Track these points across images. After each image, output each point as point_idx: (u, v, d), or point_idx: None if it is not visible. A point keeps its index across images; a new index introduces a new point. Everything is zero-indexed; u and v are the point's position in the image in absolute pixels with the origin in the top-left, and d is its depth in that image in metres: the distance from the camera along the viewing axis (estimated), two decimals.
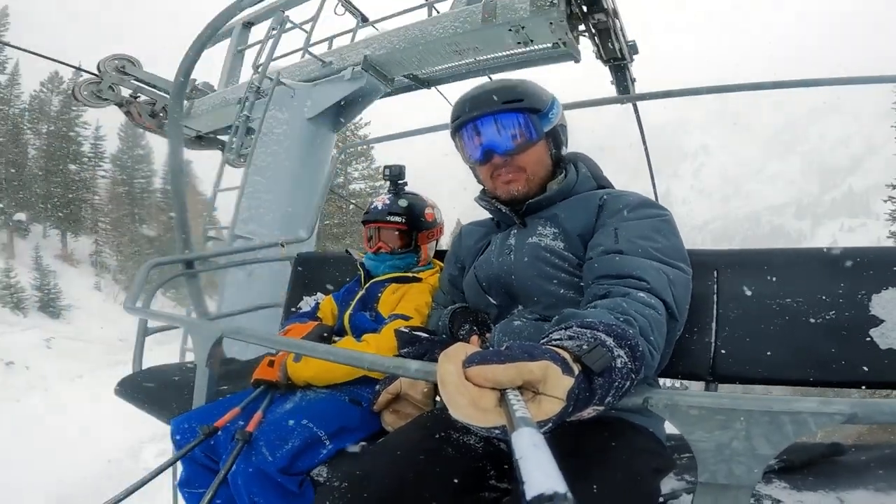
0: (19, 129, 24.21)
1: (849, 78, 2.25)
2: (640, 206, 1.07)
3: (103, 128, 26.32)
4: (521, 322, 1.11)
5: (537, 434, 0.40)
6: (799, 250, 1.32)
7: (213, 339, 1.25)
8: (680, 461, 1.09)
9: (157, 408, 1.66)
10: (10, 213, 22.43)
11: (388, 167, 1.73)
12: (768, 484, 0.99)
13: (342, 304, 1.69)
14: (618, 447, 0.87)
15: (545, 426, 0.54)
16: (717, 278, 1.32)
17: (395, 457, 0.92)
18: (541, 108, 1.14)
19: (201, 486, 1.27)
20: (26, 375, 12.50)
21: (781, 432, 0.54)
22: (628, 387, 0.64)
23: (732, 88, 2.58)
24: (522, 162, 1.15)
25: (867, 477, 0.98)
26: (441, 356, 0.56)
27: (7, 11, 24.55)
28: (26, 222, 23.06)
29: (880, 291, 1.16)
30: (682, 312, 0.92)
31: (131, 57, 5.08)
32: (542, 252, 1.10)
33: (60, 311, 20.18)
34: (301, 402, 1.33)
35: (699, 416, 0.57)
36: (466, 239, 1.39)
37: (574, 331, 0.66)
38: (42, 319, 18.98)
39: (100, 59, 4.90)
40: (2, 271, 18.47)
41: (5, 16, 24.46)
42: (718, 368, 1.27)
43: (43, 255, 21.71)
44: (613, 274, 0.91)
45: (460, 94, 1.21)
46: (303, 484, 1.17)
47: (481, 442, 0.98)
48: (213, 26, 2.25)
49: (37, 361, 13.41)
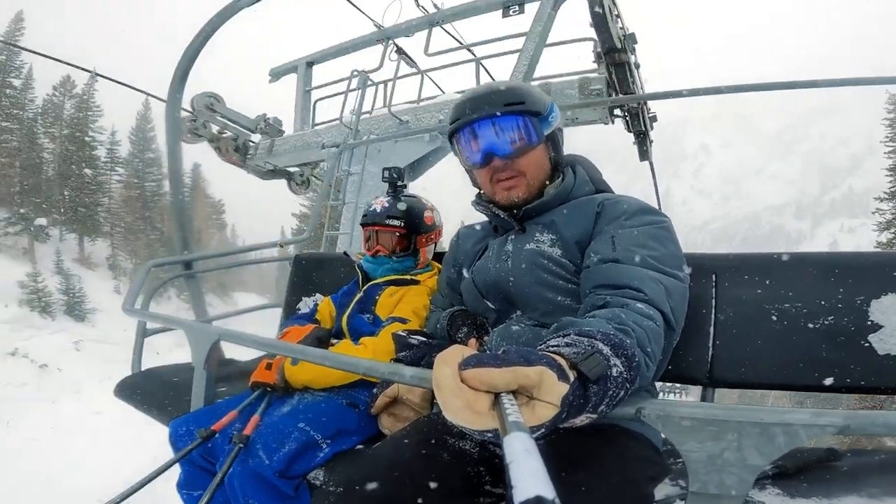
0: (34, 133, 24.51)
1: (849, 79, 2.25)
2: (637, 212, 1.06)
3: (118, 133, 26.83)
4: (519, 327, 1.11)
5: (529, 439, 0.40)
6: (798, 255, 1.31)
7: (211, 341, 1.25)
8: (675, 466, 1.09)
9: (156, 409, 1.67)
10: (32, 219, 22.91)
11: (388, 169, 1.72)
12: (762, 490, 0.99)
13: (340, 307, 1.69)
14: (612, 454, 0.87)
15: (538, 431, 0.54)
16: (716, 282, 1.32)
17: (391, 461, 0.92)
18: (541, 110, 1.13)
19: (199, 488, 1.27)
20: (59, 378, 12.87)
21: (773, 444, 0.54)
22: (622, 396, 0.64)
23: (732, 89, 2.58)
24: (522, 165, 1.14)
25: (861, 483, 0.98)
26: (437, 359, 0.56)
27: (22, 16, 24.62)
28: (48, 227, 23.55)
29: (879, 297, 1.15)
30: (679, 322, 0.92)
31: (216, 94, 5.31)
32: (539, 259, 1.10)
33: (85, 315, 20.67)
34: (298, 406, 1.33)
35: (691, 426, 0.57)
36: (464, 242, 1.38)
37: (572, 338, 0.66)
38: (68, 323, 19.45)
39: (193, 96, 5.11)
40: (29, 276, 18.89)
41: (20, 20, 24.53)
42: (716, 373, 1.26)
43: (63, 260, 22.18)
44: (611, 284, 0.91)
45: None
46: (299, 487, 1.18)
47: (477, 447, 0.98)
48: (213, 25, 2.25)
49: (68, 364, 13.80)
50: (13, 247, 22.20)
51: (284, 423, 1.23)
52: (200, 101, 5.05)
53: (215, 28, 2.18)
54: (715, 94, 2.69)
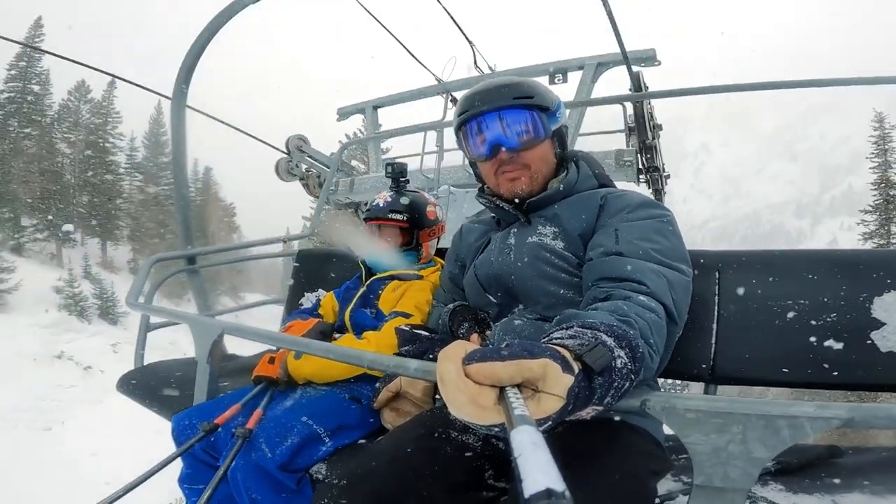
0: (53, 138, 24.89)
1: (850, 79, 2.24)
2: (640, 206, 1.06)
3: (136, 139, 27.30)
4: (521, 321, 1.11)
5: (536, 432, 0.40)
6: (801, 252, 1.31)
7: (214, 335, 1.25)
8: (678, 462, 1.09)
9: (158, 404, 1.67)
10: (59, 225, 23.42)
11: (390, 164, 1.72)
12: (764, 486, 0.99)
13: (343, 301, 1.69)
14: (615, 448, 0.87)
15: (544, 424, 0.54)
16: (719, 279, 1.32)
17: (393, 455, 0.92)
18: (549, 106, 1.14)
19: (201, 483, 1.27)
20: (102, 379, 13.31)
21: (778, 436, 0.54)
22: (627, 387, 0.64)
23: (733, 88, 2.57)
24: (528, 159, 1.14)
25: (864, 480, 0.98)
26: (440, 354, 0.56)
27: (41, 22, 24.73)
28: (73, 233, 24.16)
29: (882, 294, 1.15)
30: (682, 315, 0.92)
31: (304, 136, 5.76)
32: (541, 252, 1.10)
33: (118, 318, 21.29)
34: (301, 399, 1.34)
35: (696, 419, 0.57)
36: (467, 236, 1.38)
37: (575, 331, 0.66)
38: (103, 326, 20.14)
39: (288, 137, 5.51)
40: (65, 282, 19.52)
41: (39, 26, 24.63)
42: (718, 369, 1.26)
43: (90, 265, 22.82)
44: (613, 276, 0.91)
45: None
46: (301, 481, 1.18)
47: (480, 441, 0.98)
48: (215, 25, 2.25)
49: (108, 365, 14.19)
50: (40, 252, 22.81)
51: (287, 417, 1.23)
52: (293, 143, 5.37)
53: (219, 26, 2.17)
54: (712, 93, 2.70)
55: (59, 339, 15.34)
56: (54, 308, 18.33)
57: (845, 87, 2.24)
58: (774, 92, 2.47)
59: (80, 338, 16.20)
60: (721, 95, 2.47)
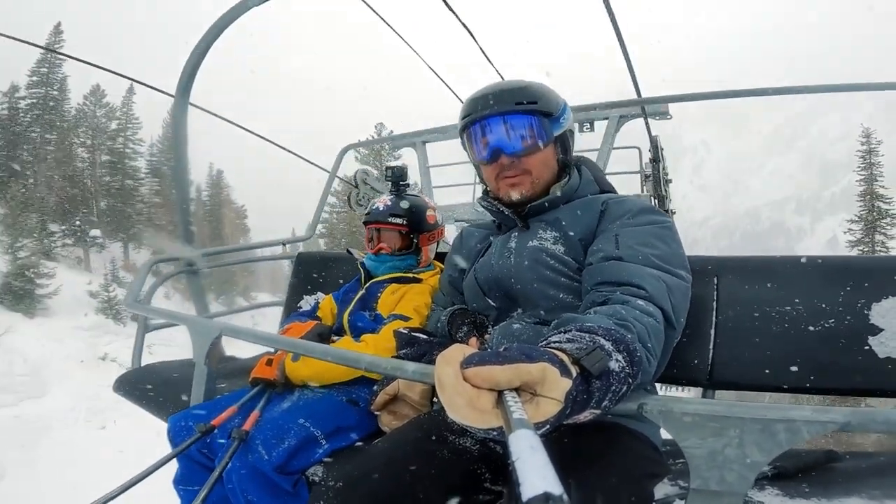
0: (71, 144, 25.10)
1: (850, 85, 2.26)
2: (641, 212, 1.07)
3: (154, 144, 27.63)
4: (520, 325, 1.11)
5: (534, 436, 0.40)
6: (799, 258, 1.32)
7: (212, 337, 1.25)
8: (674, 466, 1.09)
9: (155, 405, 1.66)
10: (87, 230, 23.79)
11: (391, 168, 1.73)
12: (761, 491, 0.99)
13: (342, 304, 1.69)
14: (613, 452, 0.87)
15: (542, 428, 0.54)
16: (718, 284, 1.32)
17: (390, 458, 0.92)
18: (553, 111, 1.14)
19: (196, 484, 1.26)
20: None
21: (774, 440, 0.54)
22: (625, 391, 0.64)
23: (734, 94, 2.59)
24: (529, 164, 1.14)
25: (861, 485, 0.97)
26: (438, 358, 0.56)
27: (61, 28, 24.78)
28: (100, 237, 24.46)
29: (880, 300, 1.15)
30: (680, 320, 0.92)
31: (368, 169, 6.00)
32: (542, 256, 1.10)
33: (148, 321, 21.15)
34: (298, 402, 1.33)
35: (693, 422, 0.57)
36: (467, 240, 1.39)
37: (573, 334, 0.66)
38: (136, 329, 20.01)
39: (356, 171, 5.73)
40: (101, 286, 19.85)
41: (59, 33, 24.70)
42: (716, 374, 1.26)
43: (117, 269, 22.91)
44: (612, 281, 0.91)
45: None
46: (297, 483, 1.18)
47: (477, 444, 0.98)
48: (221, 25, 2.26)
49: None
50: (68, 257, 23.01)
51: (284, 419, 1.23)
52: (359, 177, 5.53)
53: (223, 28, 2.19)
54: (713, 99, 2.75)
55: (100, 342, 15.80)
56: (92, 311, 18.74)
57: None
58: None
59: (119, 339, 16.58)
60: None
